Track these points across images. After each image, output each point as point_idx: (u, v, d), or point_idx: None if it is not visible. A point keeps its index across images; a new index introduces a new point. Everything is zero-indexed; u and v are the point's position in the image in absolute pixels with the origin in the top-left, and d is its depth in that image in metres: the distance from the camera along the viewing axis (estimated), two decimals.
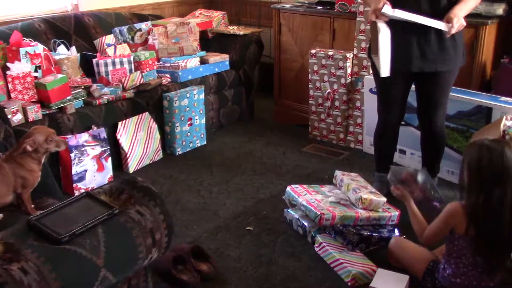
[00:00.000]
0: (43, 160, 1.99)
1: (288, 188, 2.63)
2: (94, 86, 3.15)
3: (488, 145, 1.80)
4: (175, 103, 3.35)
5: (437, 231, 1.97)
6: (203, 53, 3.82)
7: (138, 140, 3.24)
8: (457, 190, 2.23)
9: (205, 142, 3.66)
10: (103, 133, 3.01)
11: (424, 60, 2.43)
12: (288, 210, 2.61)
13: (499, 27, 3.11)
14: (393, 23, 2.42)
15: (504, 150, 1.77)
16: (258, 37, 4.08)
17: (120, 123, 3.15)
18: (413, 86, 2.67)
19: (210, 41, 4.06)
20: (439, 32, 2.37)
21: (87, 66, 3.40)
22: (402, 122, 2.82)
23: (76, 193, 2.84)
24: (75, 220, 1.47)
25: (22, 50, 2.94)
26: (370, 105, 3.31)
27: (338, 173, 2.74)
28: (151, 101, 3.35)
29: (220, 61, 3.82)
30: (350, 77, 3.46)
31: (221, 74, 3.84)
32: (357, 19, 3.35)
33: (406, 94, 2.65)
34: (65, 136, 2.84)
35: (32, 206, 1.94)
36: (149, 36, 3.77)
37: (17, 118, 2.74)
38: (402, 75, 2.53)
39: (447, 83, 2.54)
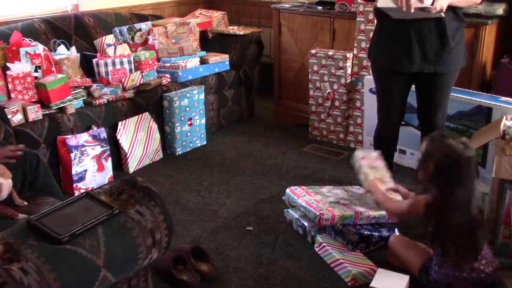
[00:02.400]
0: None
1: (288, 190, 2.63)
2: (94, 86, 3.15)
3: (451, 144, 1.88)
4: (175, 103, 3.35)
5: (398, 210, 2.17)
6: (203, 53, 3.82)
7: (138, 140, 3.24)
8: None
9: (205, 142, 3.66)
10: (103, 133, 3.01)
11: (424, 61, 2.43)
12: (288, 210, 2.61)
13: (499, 27, 3.11)
14: (393, 24, 2.42)
15: (464, 150, 1.86)
16: (258, 37, 4.08)
17: (120, 123, 3.15)
18: (413, 87, 2.67)
19: (210, 41, 4.06)
20: (440, 32, 2.37)
21: (87, 66, 3.40)
22: (402, 122, 2.82)
23: (76, 193, 2.84)
24: (75, 220, 1.47)
25: (22, 50, 2.94)
26: (370, 105, 3.31)
27: (358, 154, 2.58)
28: (151, 101, 3.35)
29: (220, 61, 3.82)
30: (350, 77, 3.46)
31: (221, 74, 3.84)
32: (357, 19, 3.35)
33: (405, 95, 2.65)
34: (66, 136, 2.84)
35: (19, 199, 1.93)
36: (149, 36, 3.77)
37: (17, 118, 2.74)
38: (402, 75, 2.53)
39: (447, 85, 2.53)
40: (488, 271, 1.89)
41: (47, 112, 2.88)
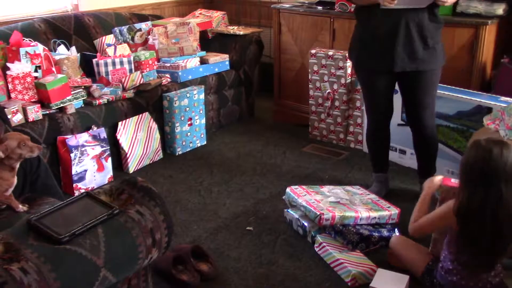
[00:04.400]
0: (16, 167, 1.92)
1: (288, 189, 2.63)
2: (94, 86, 3.15)
3: (485, 145, 1.79)
4: (175, 103, 3.35)
5: (428, 223, 1.99)
6: (203, 53, 3.82)
7: (138, 140, 3.24)
8: None
9: (205, 142, 3.66)
10: (103, 133, 3.01)
11: (407, 59, 2.47)
12: (288, 210, 2.61)
13: (499, 27, 3.11)
14: (375, 25, 2.47)
15: (500, 151, 1.74)
16: (258, 37, 4.08)
17: (120, 123, 3.15)
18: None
19: (210, 41, 4.06)
20: (421, 32, 2.42)
21: (87, 66, 3.40)
22: (402, 122, 2.82)
23: (76, 193, 2.84)
24: (75, 220, 1.47)
25: (22, 50, 2.94)
26: None
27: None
28: (151, 101, 3.35)
29: (220, 61, 3.82)
30: (350, 77, 3.46)
31: (221, 74, 3.84)
32: None
33: (391, 93, 2.67)
34: (66, 136, 2.84)
35: (17, 202, 1.92)
36: (149, 36, 3.77)
37: (17, 118, 2.74)
38: (385, 74, 2.57)
39: (431, 83, 2.55)
40: (494, 282, 1.87)
41: (47, 112, 2.88)
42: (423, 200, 2.10)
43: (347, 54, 3.37)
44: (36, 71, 2.98)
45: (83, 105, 3.05)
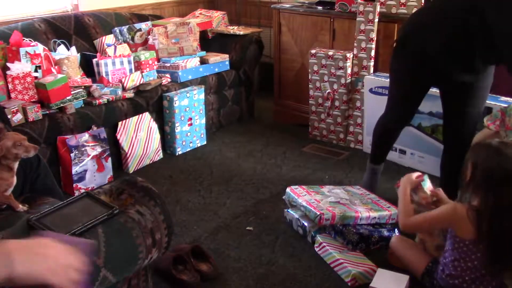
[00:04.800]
0: (15, 167, 1.91)
1: (288, 189, 2.63)
2: (94, 86, 3.15)
3: (497, 146, 1.78)
4: (175, 103, 3.35)
5: (424, 223, 1.97)
6: (203, 53, 3.82)
7: (138, 140, 3.24)
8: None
9: (205, 142, 3.67)
10: (103, 133, 3.01)
11: (466, 74, 2.31)
12: (288, 210, 2.61)
13: None
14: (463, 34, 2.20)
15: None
16: (258, 37, 4.08)
17: (120, 123, 3.15)
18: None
19: (210, 41, 4.06)
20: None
21: (87, 66, 3.40)
22: None
23: (76, 193, 2.84)
24: (75, 220, 1.48)
25: (22, 50, 2.94)
26: (370, 105, 3.31)
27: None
28: (151, 101, 3.35)
29: (220, 61, 3.83)
30: (350, 77, 3.46)
31: (221, 74, 3.84)
32: (357, 19, 3.35)
33: (421, 101, 2.55)
34: (66, 136, 2.84)
35: (17, 202, 1.92)
36: (149, 36, 3.77)
37: (17, 118, 2.74)
38: (429, 86, 2.47)
39: (486, 88, 2.39)
40: (495, 283, 1.87)
41: (47, 112, 2.88)
42: (407, 197, 2.07)
43: (347, 54, 3.38)
44: (36, 71, 2.98)
45: (83, 105, 3.05)
